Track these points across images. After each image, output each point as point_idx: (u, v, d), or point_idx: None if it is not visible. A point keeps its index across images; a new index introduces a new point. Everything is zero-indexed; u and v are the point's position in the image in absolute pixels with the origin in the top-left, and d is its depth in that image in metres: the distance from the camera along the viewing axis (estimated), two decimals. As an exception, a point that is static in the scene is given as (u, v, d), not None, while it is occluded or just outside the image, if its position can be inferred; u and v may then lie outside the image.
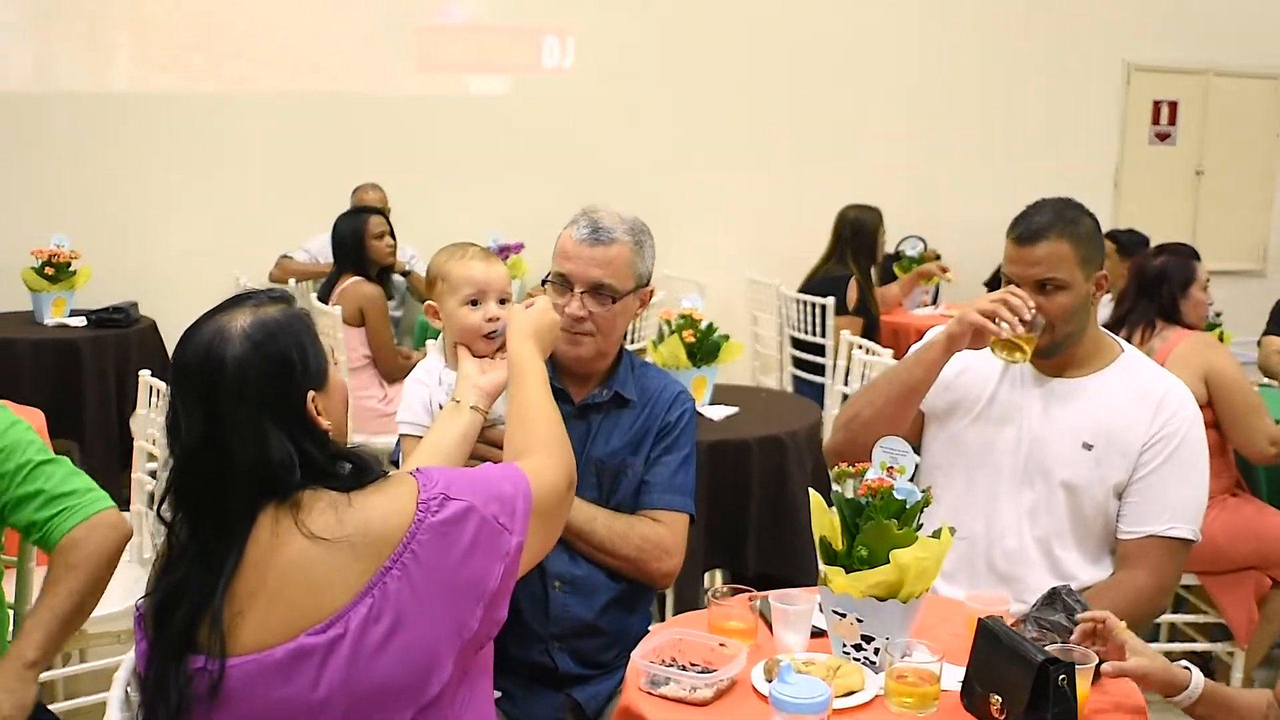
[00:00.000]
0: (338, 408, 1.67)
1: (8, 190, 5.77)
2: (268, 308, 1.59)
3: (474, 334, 2.26)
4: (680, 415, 2.50)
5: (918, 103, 6.90)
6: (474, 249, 2.34)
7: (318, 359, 1.61)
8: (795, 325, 5.84)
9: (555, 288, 2.39)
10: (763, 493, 3.54)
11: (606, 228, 2.39)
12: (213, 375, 1.52)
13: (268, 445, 1.52)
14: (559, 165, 6.25)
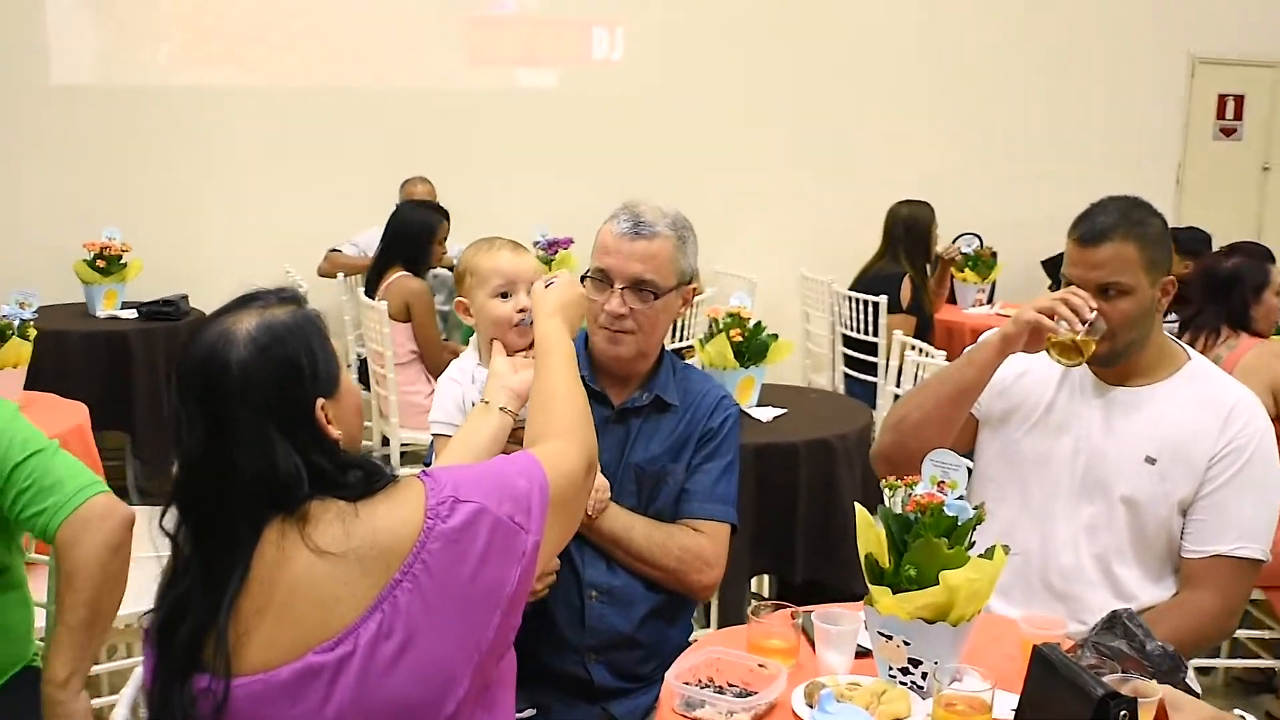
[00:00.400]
0: (350, 416, 1.59)
1: (62, 183, 5.81)
2: (275, 309, 1.52)
3: (505, 325, 2.21)
4: (724, 421, 2.42)
5: (974, 96, 6.75)
6: (502, 241, 2.28)
7: (328, 364, 1.53)
8: (847, 324, 5.73)
9: (594, 284, 2.32)
10: (810, 497, 3.46)
11: (648, 221, 2.32)
12: (216, 381, 1.45)
13: (273, 456, 1.45)
14: (608, 159, 6.18)
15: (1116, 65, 7.12)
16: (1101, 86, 7.08)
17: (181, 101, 5.91)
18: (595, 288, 2.32)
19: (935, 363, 3.97)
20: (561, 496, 1.65)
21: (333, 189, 5.97)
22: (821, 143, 6.53)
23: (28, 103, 5.81)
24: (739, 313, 3.79)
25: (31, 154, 5.80)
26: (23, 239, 5.78)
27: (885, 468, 2.45)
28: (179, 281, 5.46)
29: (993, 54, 6.82)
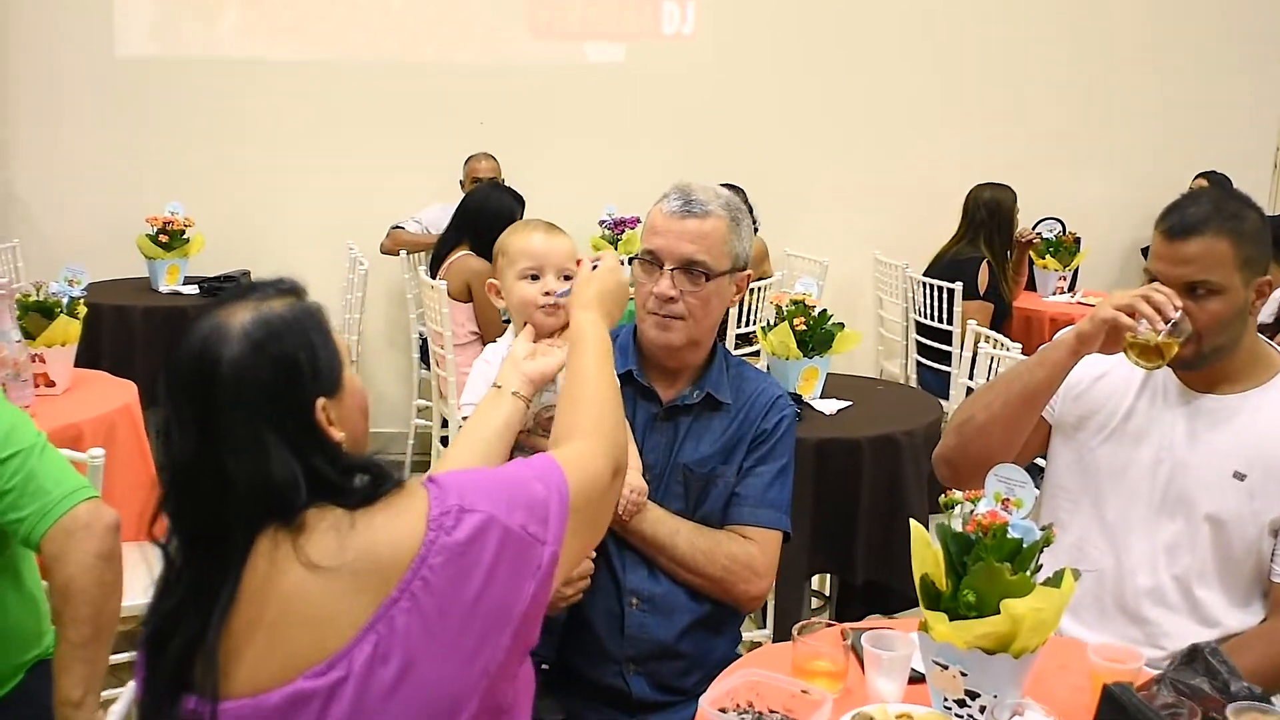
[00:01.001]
0: (354, 416, 1.47)
1: (126, 156, 5.80)
2: (273, 302, 1.41)
3: (531, 307, 2.10)
4: (779, 422, 2.29)
5: (1057, 75, 6.43)
6: (537, 221, 2.18)
7: (329, 360, 1.42)
8: (921, 310, 5.54)
9: (643, 266, 2.21)
10: (873, 496, 3.31)
11: (700, 200, 2.21)
12: (207, 378, 1.35)
13: (268, 462, 1.34)
14: (677, 137, 6.02)
15: (1208, 38, 6.75)
16: (1194, 62, 6.70)
17: (245, 75, 5.86)
18: (644, 270, 2.21)
19: (1011, 355, 3.78)
20: (584, 503, 1.54)
21: (396, 165, 5.88)
22: (898, 123, 6.28)
23: (92, 75, 5.80)
24: (804, 300, 3.64)
25: (96, 127, 5.80)
26: (87, 213, 5.79)
27: (947, 471, 2.29)
28: (241, 257, 5.43)
29: (1077, 31, 6.50)
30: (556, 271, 2.12)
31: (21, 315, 3.41)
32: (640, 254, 2.22)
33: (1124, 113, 6.49)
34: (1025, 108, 6.35)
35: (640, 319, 2.25)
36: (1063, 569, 1.73)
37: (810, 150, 6.20)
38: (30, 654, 2.24)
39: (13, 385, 3.17)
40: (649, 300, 2.20)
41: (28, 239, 5.60)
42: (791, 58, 6.22)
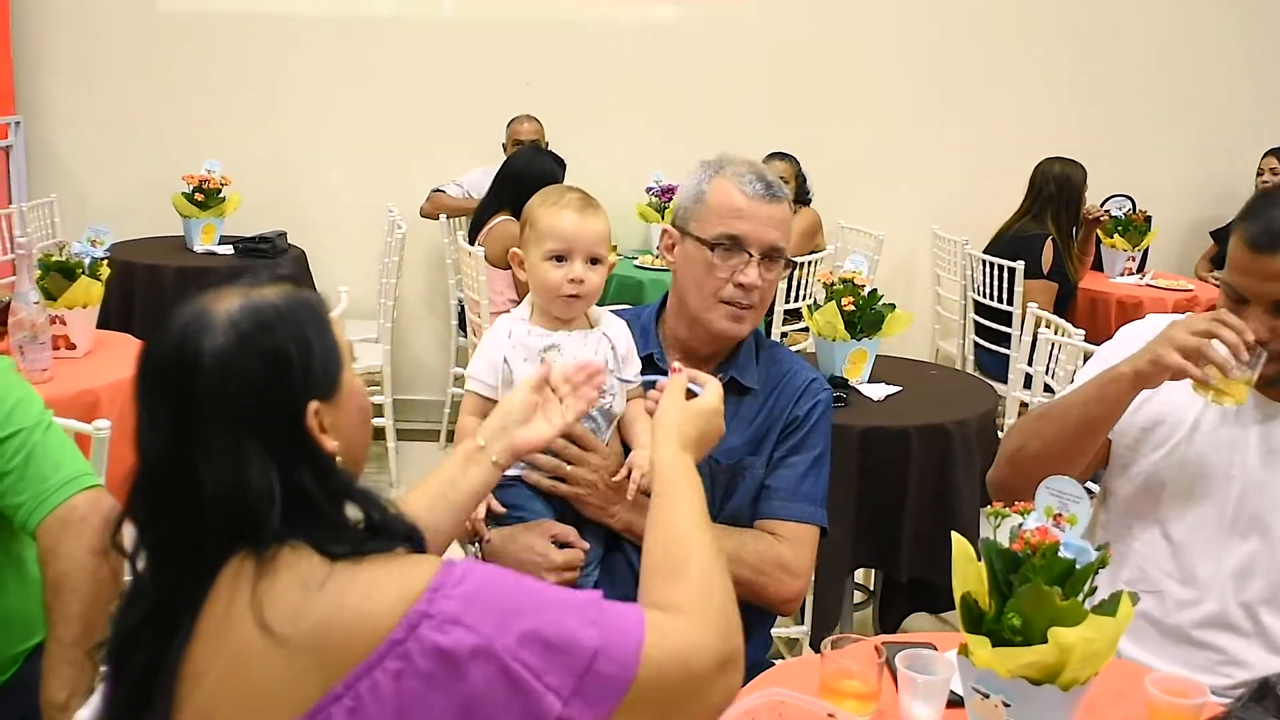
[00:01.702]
0: (352, 425, 1.31)
1: (165, 112, 5.69)
2: (265, 289, 1.25)
3: (552, 293, 1.96)
4: (812, 408, 2.12)
5: (1129, 49, 6.13)
6: (574, 195, 2.01)
7: (326, 358, 1.25)
8: (980, 289, 5.31)
9: (722, 253, 2.04)
10: (921, 489, 3.13)
11: (774, 182, 2.07)
12: (186, 371, 1.19)
13: (245, 469, 1.17)
14: (728, 102, 5.82)
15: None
16: (1267, 36, 6.34)
17: (287, 31, 5.71)
18: (722, 256, 2.04)
19: (1073, 343, 3.57)
20: (658, 691, 1.20)
21: (438, 126, 5.73)
22: (962, 91, 6.02)
23: (133, 29, 5.68)
24: (854, 279, 3.46)
25: (135, 82, 5.68)
26: (124, 170, 5.70)
27: (1001, 497, 2.11)
28: (278, 218, 5.32)
29: (1152, 2, 6.20)
30: (585, 256, 1.96)
31: (42, 276, 3.32)
32: (716, 238, 2.04)
33: (1197, 90, 6.18)
34: (1096, 79, 6.07)
35: (705, 307, 2.07)
36: (1119, 592, 1.56)
37: (867, 118, 5.96)
38: (30, 642, 2.14)
39: (30, 348, 3.08)
40: (725, 289, 2.04)
41: (65, 195, 5.52)
42: (849, 20, 5.97)
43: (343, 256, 5.58)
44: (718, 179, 2.06)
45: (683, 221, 2.09)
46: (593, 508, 2.00)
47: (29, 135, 5.62)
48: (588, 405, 1.75)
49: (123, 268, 4.77)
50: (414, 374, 5.76)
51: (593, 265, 1.97)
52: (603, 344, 2.00)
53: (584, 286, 1.95)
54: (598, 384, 1.75)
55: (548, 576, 1.91)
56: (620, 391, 2.01)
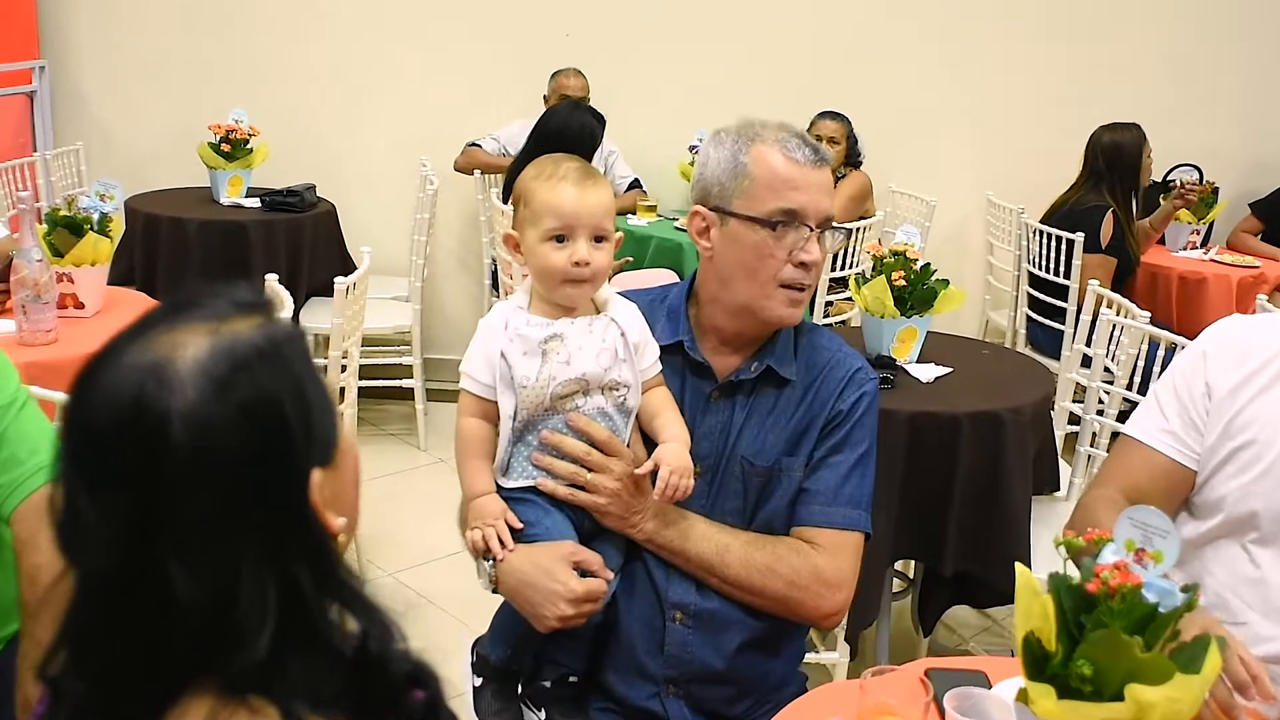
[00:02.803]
0: (349, 492, 1.06)
1: (192, 59, 5.49)
2: (235, 323, 0.95)
3: (555, 279, 1.76)
4: (856, 401, 1.91)
5: (1199, 9, 5.81)
6: (570, 166, 1.79)
7: (323, 412, 0.98)
8: (1035, 260, 5.07)
9: (781, 230, 1.82)
10: (970, 478, 2.92)
11: (818, 145, 1.86)
12: (147, 445, 0.90)
13: (235, 574, 0.91)
14: (775, 58, 5.56)
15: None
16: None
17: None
18: (779, 234, 1.82)
19: (1137, 325, 3.34)
20: None
21: (476, 77, 5.51)
22: (1022, 50, 5.71)
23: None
24: (905, 251, 3.23)
25: (163, 26, 5.48)
26: (153, 117, 5.52)
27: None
28: (306, 170, 5.14)
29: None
30: (590, 233, 1.76)
31: (49, 231, 3.16)
32: (772, 213, 1.81)
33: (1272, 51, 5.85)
34: (1164, 42, 5.75)
35: (763, 294, 1.85)
36: (1206, 638, 1.36)
37: (921, 76, 5.67)
38: (8, 629, 2.00)
39: (33, 308, 2.93)
40: (784, 270, 1.83)
41: (92, 143, 5.38)
42: (907, -25, 5.69)
43: (374, 212, 5.40)
44: (758, 147, 1.83)
45: (720, 200, 1.86)
46: (614, 518, 1.83)
47: (54, 80, 5.47)
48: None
49: (146, 220, 4.64)
50: (445, 333, 5.59)
51: (598, 244, 1.77)
52: (611, 331, 1.80)
53: (590, 268, 1.76)
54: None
55: (565, 609, 1.74)
56: (636, 384, 1.82)
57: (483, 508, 1.80)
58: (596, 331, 1.79)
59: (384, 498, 4.23)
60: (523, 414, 1.78)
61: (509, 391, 1.77)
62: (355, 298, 3.39)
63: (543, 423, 1.78)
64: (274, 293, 3.10)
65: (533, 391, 1.75)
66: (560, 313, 1.79)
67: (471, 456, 1.81)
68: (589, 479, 1.79)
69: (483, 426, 1.81)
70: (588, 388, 1.78)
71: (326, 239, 4.90)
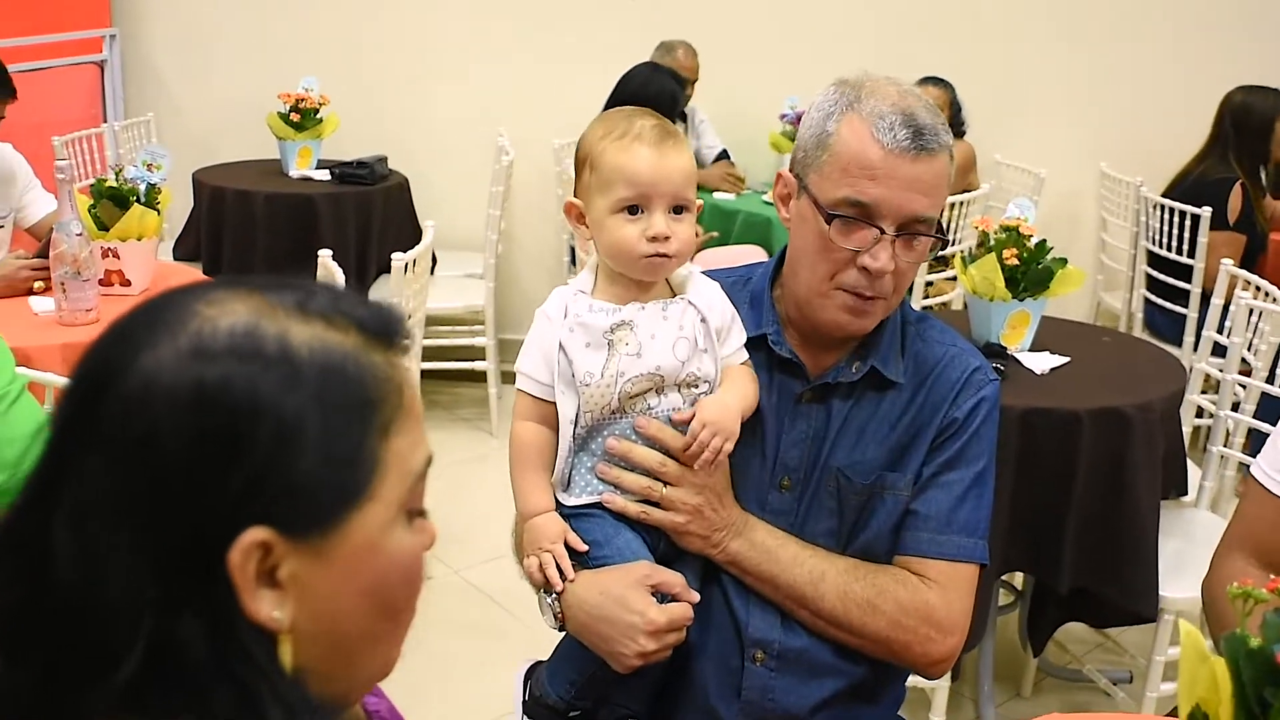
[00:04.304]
0: (348, 607, 0.79)
1: (265, 28, 5.29)
2: (299, 324, 0.77)
3: (628, 256, 1.49)
4: (974, 408, 1.62)
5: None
6: (646, 123, 1.51)
7: (331, 470, 0.76)
8: (1155, 238, 4.68)
9: (844, 225, 1.52)
10: (1091, 482, 2.61)
11: (930, 128, 1.50)
12: (96, 384, 0.76)
13: (113, 561, 0.73)
14: (871, 18, 5.21)
15: None
16: None
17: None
18: (843, 230, 1.53)
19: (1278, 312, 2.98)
20: None
21: (565, 46, 5.23)
22: (1143, 8, 5.30)
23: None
24: (1017, 226, 2.92)
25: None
26: (224, 87, 5.33)
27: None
28: (378, 141, 4.92)
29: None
30: (669, 203, 1.49)
31: (94, 204, 2.98)
32: (836, 203, 1.52)
33: None
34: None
35: (817, 291, 1.57)
36: None
37: (1029, 38, 5.27)
38: None
39: (72, 285, 2.75)
40: (845, 273, 1.54)
41: (163, 113, 5.21)
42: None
43: (447, 184, 5.16)
44: (850, 117, 1.52)
45: (801, 168, 1.58)
46: (695, 538, 1.56)
47: (125, 50, 5.32)
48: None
49: (212, 194, 4.48)
50: (521, 313, 5.34)
51: (677, 215, 1.50)
52: (689, 316, 1.53)
53: (671, 244, 1.48)
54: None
55: (645, 643, 1.46)
56: (717, 376, 1.55)
57: (539, 529, 1.54)
58: (672, 317, 1.52)
59: (452, 487, 4.01)
60: (586, 418, 1.52)
61: (569, 391, 1.51)
62: (418, 274, 3.16)
63: (609, 428, 1.52)
64: (328, 271, 2.88)
65: (597, 390, 1.49)
66: (629, 296, 1.53)
67: (528, 469, 1.56)
68: (664, 494, 1.53)
69: (541, 433, 1.55)
70: (662, 384, 1.51)
71: (398, 213, 4.69)
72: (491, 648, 3.17)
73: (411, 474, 0.81)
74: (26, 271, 2.96)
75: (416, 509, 0.83)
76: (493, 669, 2.68)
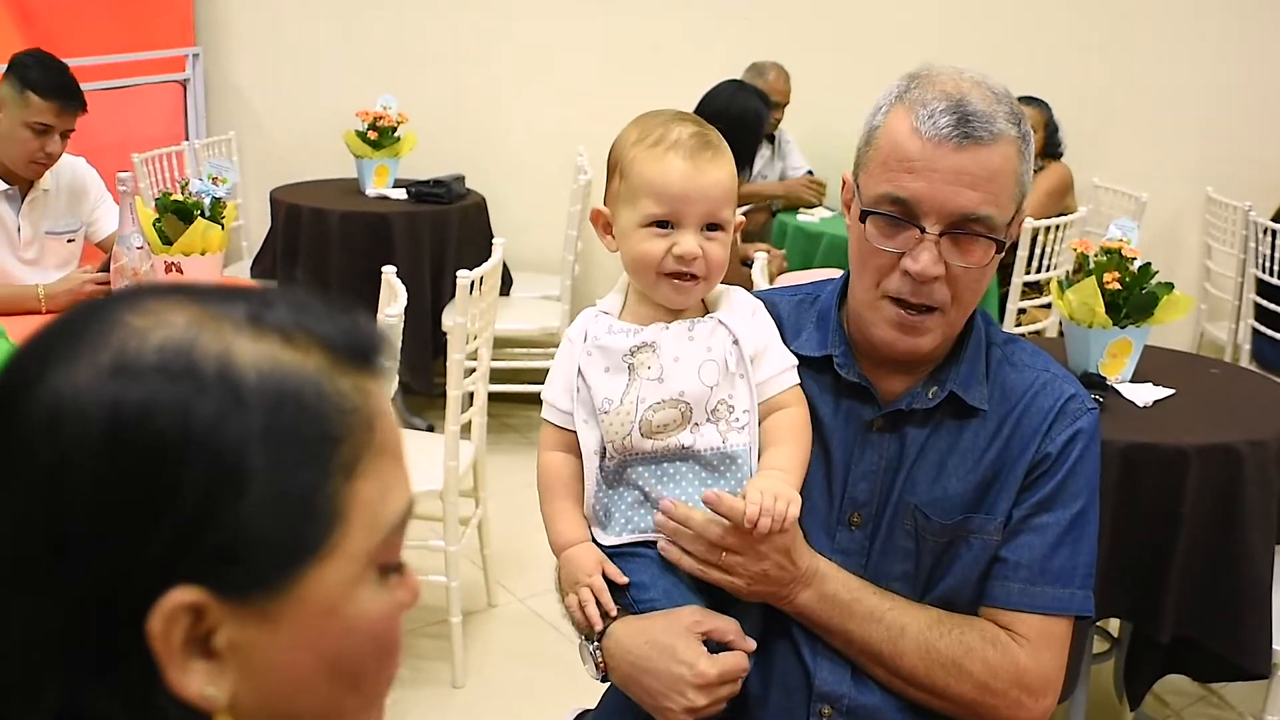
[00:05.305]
0: (302, 683, 0.66)
1: (344, 47, 5.25)
2: (248, 339, 0.65)
3: (651, 272, 1.37)
4: (1070, 441, 1.46)
5: None
6: (684, 130, 1.38)
7: (281, 516, 0.63)
8: (1265, 265, 4.43)
9: (884, 224, 1.38)
10: (1199, 524, 2.41)
11: (982, 115, 1.34)
12: (3, 404, 0.65)
13: (12, 605, 0.62)
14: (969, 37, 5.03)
15: None
16: None
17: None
18: (882, 229, 1.38)
19: None
20: None
21: (647, 63, 5.12)
22: (1254, 27, 5.04)
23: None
24: (1119, 249, 2.74)
25: (317, 12, 5.25)
26: (306, 105, 5.29)
27: None
28: (456, 160, 4.86)
29: None
30: (700, 221, 1.37)
31: (158, 217, 2.93)
32: (874, 200, 1.38)
33: None
34: None
35: (865, 302, 1.43)
36: None
37: (1128, 54, 5.05)
38: None
39: (132, 299, 2.68)
40: (889, 279, 1.39)
41: (245, 132, 5.21)
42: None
43: (525, 204, 5.08)
44: (897, 107, 1.39)
45: (855, 169, 1.45)
46: (760, 595, 1.41)
47: (208, 68, 5.32)
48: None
49: (288, 212, 4.45)
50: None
51: (710, 233, 1.37)
52: (719, 337, 1.39)
53: (700, 264, 1.36)
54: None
55: (694, 698, 1.32)
56: (754, 407, 1.40)
57: (575, 562, 1.41)
58: (699, 338, 1.39)
59: (522, 512, 3.87)
60: (611, 453, 1.39)
61: (590, 420, 1.38)
62: (485, 293, 3.07)
63: (632, 470, 1.39)
64: (392, 288, 2.80)
65: (617, 418, 1.36)
66: (657, 317, 1.40)
67: (556, 498, 1.44)
68: (725, 560, 1.38)
69: (569, 462, 1.43)
70: (689, 413, 1.36)
71: (475, 232, 4.61)
72: (554, 679, 3.04)
73: (384, 524, 0.67)
74: (91, 285, 2.93)
75: (392, 563, 0.70)
76: (555, 700, 2.56)
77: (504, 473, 3.83)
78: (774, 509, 1.32)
